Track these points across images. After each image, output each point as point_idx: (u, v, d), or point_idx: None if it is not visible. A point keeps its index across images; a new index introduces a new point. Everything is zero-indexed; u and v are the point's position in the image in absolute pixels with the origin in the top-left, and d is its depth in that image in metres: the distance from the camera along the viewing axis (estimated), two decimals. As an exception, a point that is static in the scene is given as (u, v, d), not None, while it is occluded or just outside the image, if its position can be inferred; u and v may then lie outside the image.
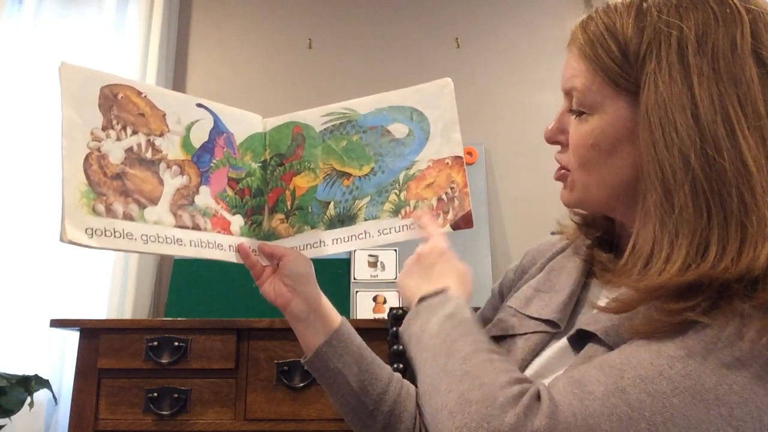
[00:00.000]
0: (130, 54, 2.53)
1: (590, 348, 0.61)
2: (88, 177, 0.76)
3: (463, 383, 0.55)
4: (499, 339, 0.75)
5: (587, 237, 0.77)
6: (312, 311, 0.87)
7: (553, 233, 0.87)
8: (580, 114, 0.66)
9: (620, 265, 0.62)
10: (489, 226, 2.44)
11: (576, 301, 0.72)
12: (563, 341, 0.68)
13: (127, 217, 0.78)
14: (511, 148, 2.58)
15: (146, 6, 2.57)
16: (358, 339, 0.91)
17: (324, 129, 0.92)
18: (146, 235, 0.79)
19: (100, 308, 2.29)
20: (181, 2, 2.74)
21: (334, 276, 2.31)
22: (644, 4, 0.62)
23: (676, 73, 0.57)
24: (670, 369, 0.50)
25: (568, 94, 0.68)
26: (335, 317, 0.90)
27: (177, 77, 2.65)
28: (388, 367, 0.92)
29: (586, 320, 0.64)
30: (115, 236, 0.76)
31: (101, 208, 0.76)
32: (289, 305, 0.87)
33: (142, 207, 0.80)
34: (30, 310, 2.27)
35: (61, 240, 0.72)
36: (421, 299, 0.74)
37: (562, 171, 0.71)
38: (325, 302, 0.90)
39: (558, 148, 0.72)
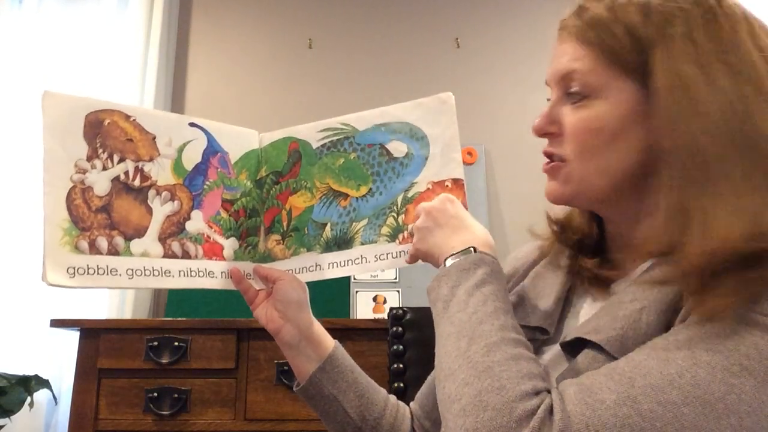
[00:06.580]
0: (130, 53, 2.52)
1: (588, 354, 0.61)
2: (70, 212, 0.74)
3: (482, 380, 0.54)
4: None
5: (566, 244, 0.75)
6: (303, 338, 0.86)
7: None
8: (579, 100, 0.65)
9: (639, 238, 0.63)
10: (489, 227, 2.44)
11: (562, 307, 0.72)
12: (556, 348, 0.67)
13: (112, 251, 0.76)
14: (511, 148, 2.58)
15: (146, 4, 2.57)
16: (352, 363, 0.89)
17: (321, 145, 0.90)
18: (132, 270, 0.77)
19: (100, 308, 2.29)
20: (181, 0, 2.74)
21: (334, 276, 2.31)
22: None
23: (688, 54, 0.60)
24: (680, 378, 0.50)
25: (563, 80, 0.67)
26: (328, 342, 0.89)
27: (177, 76, 2.65)
28: (384, 390, 0.91)
29: (584, 328, 0.63)
30: (98, 273, 0.74)
31: (84, 245, 0.74)
32: (280, 332, 0.86)
33: (128, 239, 0.78)
34: (30, 310, 2.27)
35: (43, 281, 0.71)
36: (449, 258, 0.69)
37: (553, 163, 0.68)
38: (317, 328, 0.89)
39: (545, 143, 0.71)
